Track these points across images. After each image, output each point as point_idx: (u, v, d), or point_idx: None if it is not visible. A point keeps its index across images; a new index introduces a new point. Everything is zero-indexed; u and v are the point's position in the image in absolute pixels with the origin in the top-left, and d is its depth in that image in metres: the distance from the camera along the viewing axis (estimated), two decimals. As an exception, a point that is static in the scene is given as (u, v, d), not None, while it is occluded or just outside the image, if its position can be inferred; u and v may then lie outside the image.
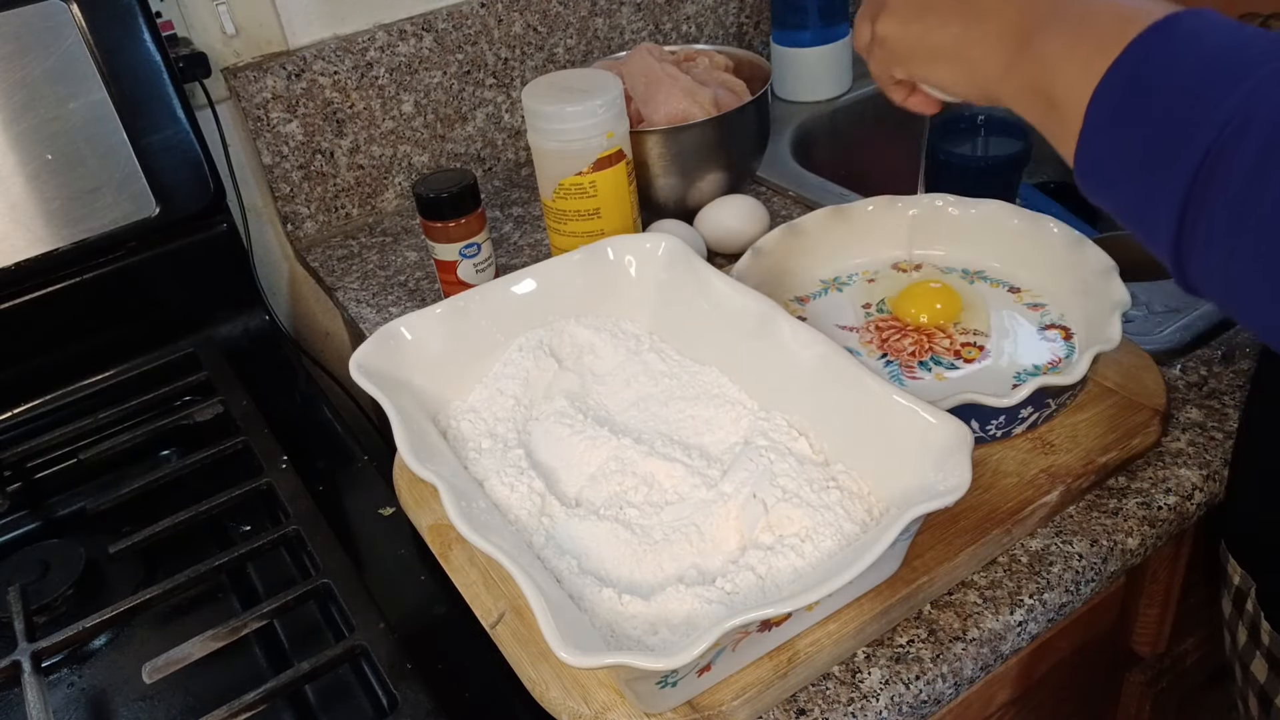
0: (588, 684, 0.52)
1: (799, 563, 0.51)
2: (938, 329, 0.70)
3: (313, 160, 1.00)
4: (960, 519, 0.58)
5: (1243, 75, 0.35)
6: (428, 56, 1.01)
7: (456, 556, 0.60)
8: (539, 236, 0.98)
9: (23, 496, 0.77)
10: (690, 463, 0.59)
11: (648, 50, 0.92)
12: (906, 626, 0.56)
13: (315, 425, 0.81)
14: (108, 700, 0.61)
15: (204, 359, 0.83)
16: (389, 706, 0.55)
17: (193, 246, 0.88)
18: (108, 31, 0.79)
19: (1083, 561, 0.58)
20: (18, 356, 0.83)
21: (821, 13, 1.12)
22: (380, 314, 0.90)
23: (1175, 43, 0.39)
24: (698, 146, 0.88)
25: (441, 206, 0.80)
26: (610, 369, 0.68)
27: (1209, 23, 0.38)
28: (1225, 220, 0.35)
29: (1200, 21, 0.39)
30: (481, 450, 0.62)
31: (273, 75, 0.94)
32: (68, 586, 0.66)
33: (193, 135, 0.85)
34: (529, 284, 0.70)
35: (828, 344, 0.59)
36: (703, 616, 0.49)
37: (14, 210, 0.79)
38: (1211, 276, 0.37)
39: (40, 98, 0.78)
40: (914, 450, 0.53)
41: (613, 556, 0.54)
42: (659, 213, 0.92)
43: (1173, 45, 0.39)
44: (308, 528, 0.65)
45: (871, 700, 0.52)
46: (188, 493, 0.70)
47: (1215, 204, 0.35)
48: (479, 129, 1.08)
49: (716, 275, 0.67)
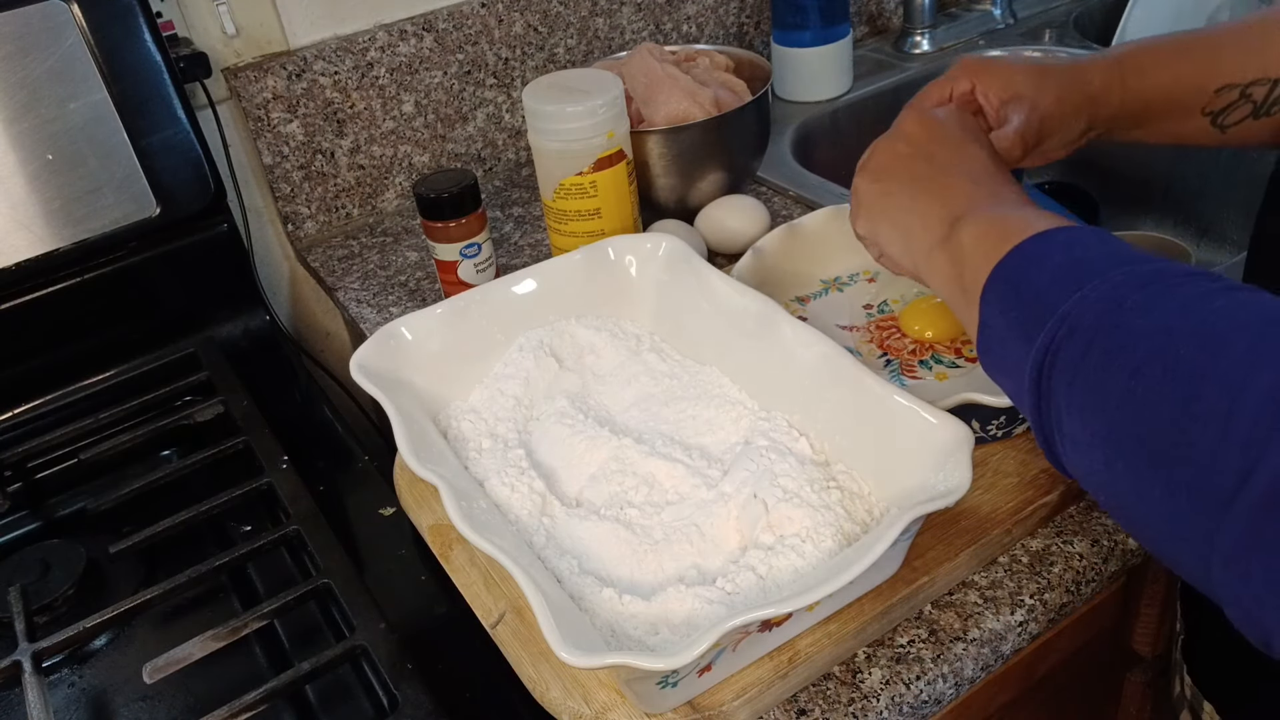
0: (588, 684, 0.52)
1: (799, 563, 0.51)
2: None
3: (313, 160, 1.00)
4: (961, 519, 0.58)
5: (1079, 284, 0.40)
6: (428, 56, 1.01)
7: (457, 556, 0.60)
8: (539, 236, 0.98)
9: (23, 496, 0.77)
10: (691, 463, 0.59)
11: (648, 50, 0.92)
12: (907, 626, 0.56)
13: (315, 425, 0.81)
14: (108, 700, 0.61)
15: (204, 359, 0.83)
16: (389, 706, 0.55)
17: (193, 246, 0.88)
18: (108, 31, 0.79)
19: (1083, 561, 0.58)
20: (18, 356, 0.83)
21: (822, 13, 1.12)
22: (381, 314, 0.90)
23: (1045, 252, 0.44)
24: (698, 146, 0.88)
25: (442, 206, 0.80)
26: (611, 369, 0.68)
27: (1077, 237, 0.43)
28: (1064, 411, 0.39)
29: (1071, 235, 0.44)
30: (482, 450, 0.62)
31: (273, 75, 0.94)
32: (68, 586, 0.66)
33: (193, 135, 0.85)
34: (529, 284, 0.70)
35: (828, 344, 0.59)
36: (703, 616, 0.49)
37: (15, 210, 0.79)
38: (1071, 465, 0.41)
39: (41, 98, 0.78)
40: (914, 450, 0.53)
41: (613, 556, 0.54)
42: (659, 213, 0.92)
43: (1041, 254, 0.44)
44: (308, 528, 0.65)
45: (872, 700, 0.52)
46: (188, 493, 0.70)
47: (1056, 395, 0.40)
48: (479, 129, 1.08)
49: (717, 275, 0.67)
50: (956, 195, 0.52)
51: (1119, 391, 0.36)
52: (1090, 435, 0.38)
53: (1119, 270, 0.40)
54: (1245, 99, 0.61)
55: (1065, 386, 0.39)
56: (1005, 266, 0.45)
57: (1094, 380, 0.38)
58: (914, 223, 0.53)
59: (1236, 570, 0.32)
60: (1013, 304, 0.44)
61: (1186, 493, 0.33)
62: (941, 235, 0.50)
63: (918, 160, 0.56)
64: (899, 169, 0.56)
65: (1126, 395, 0.36)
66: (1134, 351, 0.36)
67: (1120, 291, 0.39)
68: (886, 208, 0.56)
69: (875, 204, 0.57)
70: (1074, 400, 0.39)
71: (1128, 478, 0.36)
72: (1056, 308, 0.40)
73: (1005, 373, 0.45)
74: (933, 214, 0.52)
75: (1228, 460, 0.32)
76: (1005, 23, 1.31)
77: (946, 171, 0.54)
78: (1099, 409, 0.37)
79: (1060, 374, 0.39)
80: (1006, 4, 1.31)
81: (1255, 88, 0.61)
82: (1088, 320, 0.39)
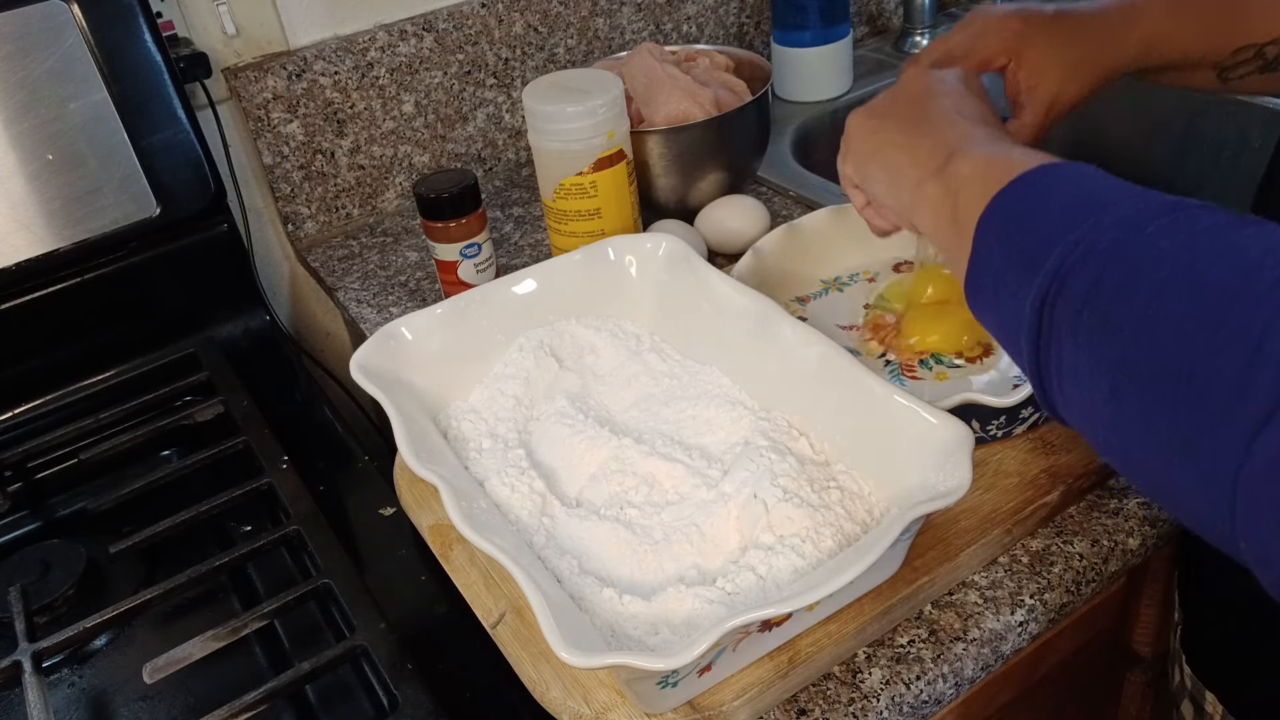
0: (588, 684, 0.52)
1: (799, 563, 0.51)
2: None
3: (313, 160, 1.00)
4: (961, 519, 0.58)
5: (1092, 212, 0.38)
6: (428, 56, 1.01)
7: (457, 556, 0.60)
8: (539, 236, 0.98)
9: (23, 496, 0.77)
10: (691, 463, 0.59)
11: (648, 50, 0.92)
12: (907, 626, 0.56)
13: (315, 425, 0.81)
14: (108, 700, 0.61)
15: (204, 359, 0.83)
16: (389, 706, 0.55)
17: (193, 246, 0.88)
18: (108, 32, 0.79)
19: (1083, 561, 0.58)
20: (18, 356, 0.83)
21: (822, 13, 1.12)
22: (381, 314, 0.90)
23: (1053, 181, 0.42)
24: (698, 146, 0.88)
25: (442, 207, 0.80)
26: (611, 369, 0.68)
27: (1085, 170, 0.42)
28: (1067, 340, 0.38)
29: (1079, 168, 0.42)
30: (482, 450, 0.62)
31: (273, 75, 0.94)
32: (68, 586, 0.66)
33: (193, 135, 0.85)
34: (529, 284, 0.70)
35: (828, 344, 0.59)
36: (703, 616, 0.49)
37: (15, 210, 0.79)
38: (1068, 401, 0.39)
39: (41, 98, 0.78)
40: (915, 450, 0.53)
41: (613, 556, 0.54)
42: (659, 213, 0.92)
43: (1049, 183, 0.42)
44: (308, 528, 0.65)
45: (872, 700, 0.52)
46: (188, 493, 0.70)
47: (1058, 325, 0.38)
48: (480, 129, 1.08)
49: (717, 275, 0.67)
50: (951, 131, 0.50)
51: (1136, 315, 0.34)
52: (1096, 362, 0.36)
53: (1136, 199, 0.38)
54: (1259, 57, 0.62)
55: (1073, 314, 0.37)
56: (1007, 195, 0.43)
57: (1108, 305, 0.36)
58: (903, 159, 0.52)
59: (1267, 492, 0.30)
60: (1014, 233, 0.42)
61: (1207, 414, 0.32)
62: (934, 168, 0.48)
63: (914, 104, 0.54)
64: (893, 111, 0.55)
65: (1145, 317, 0.34)
66: (1155, 273, 0.34)
67: (1141, 216, 0.37)
68: (877, 145, 0.55)
69: (865, 141, 0.56)
70: (1081, 326, 0.37)
71: (1137, 403, 0.34)
72: (1066, 236, 0.38)
73: (997, 310, 0.43)
74: (924, 148, 0.50)
75: (1261, 383, 0.30)
76: (1005, 23, 1.31)
77: (944, 113, 0.52)
78: (1112, 332, 0.35)
79: (1067, 302, 0.37)
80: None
81: (1271, 47, 0.62)
82: (1102, 245, 0.37)
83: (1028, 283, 0.39)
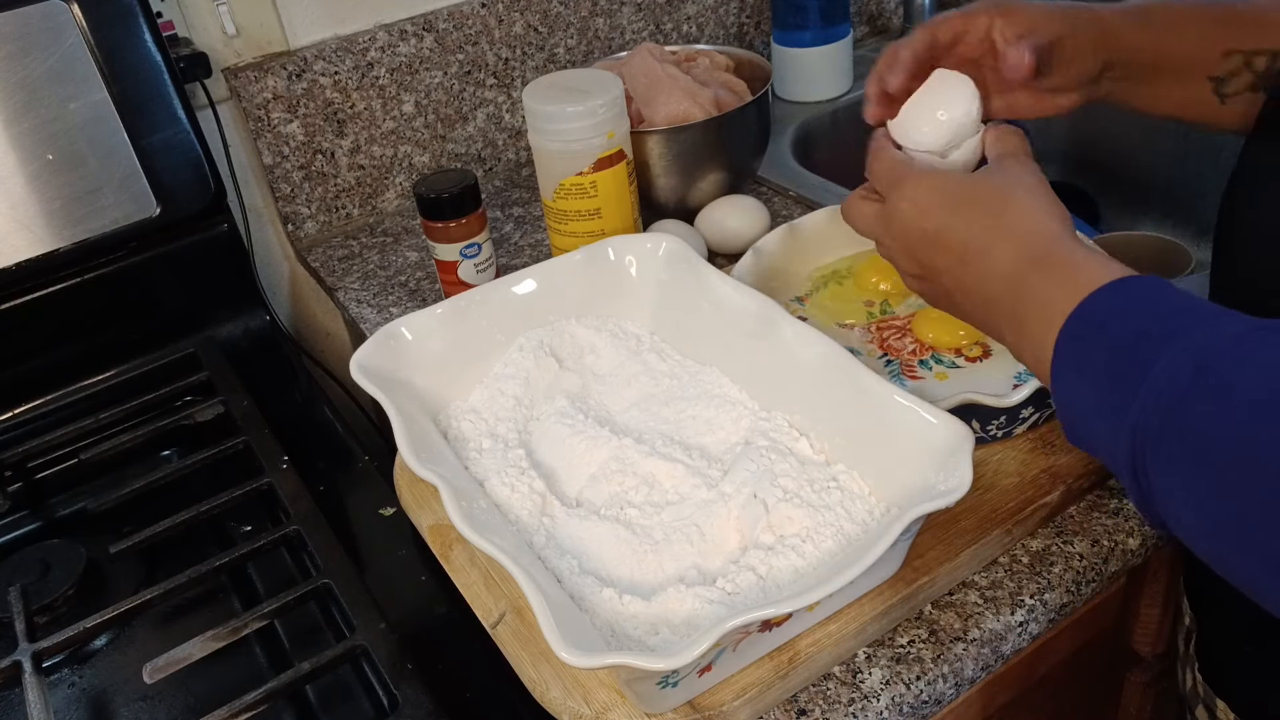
0: (588, 684, 0.52)
1: (800, 563, 0.51)
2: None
3: (313, 160, 1.00)
4: (961, 519, 0.58)
5: (1173, 336, 0.38)
6: (428, 56, 1.01)
7: (457, 556, 0.60)
8: (539, 236, 0.98)
9: (23, 496, 0.77)
10: (691, 463, 0.59)
11: (648, 50, 0.92)
12: (907, 627, 0.56)
13: (315, 425, 0.81)
14: (108, 700, 0.61)
15: (204, 359, 0.83)
16: (389, 706, 0.55)
17: (193, 246, 0.88)
18: (108, 31, 0.79)
19: (1083, 562, 0.58)
20: (18, 356, 0.83)
21: (822, 13, 1.12)
22: (381, 314, 0.90)
23: (1127, 302, 0.41)
24: (698, 146, 0.88)
25: (442, 207, 0.80)
26: (611, 369, 0.68)
27: (1155, 286, 0.41)
28: (1171, 474, 0.38)
29: (1152, 288, 0.42)
30: (482, 450, 0.61)
31: (273, 75, 0.94)
32: (68, 587, 0.66)
33: (193, 135, 0.85)
34: (530, 284, 0.70)
35: (828, 344, 0.59)
36: (703, 617, 0.49)
37: (15, 210, 0.79)
38: (1176, 525, 0.39)
39: (41, 98, 0.78)
40: (915, 450, 0.53)
41: (613, 556, 0.54)
42: (659, 213, 0.92)
43: (1124, 305, 0.42)
44: (308, 528, 0.65)
45: (872, 700, 0.52)
46: (188, 493, 0.70)
47: (1159, 457, 0.38)
48: (480, 129, 1.08)
49: (717, 275, 0.67)
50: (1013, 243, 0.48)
51: (1234, 438, 0.35)
52: (1199, 486, 0.36)
53: (1217, 320, 0.38)
54: (1248, 68, 0.61)
55: (1170, 442, 0.37)
56: (1080, 322, 0.42)
57: (1204, 430, 0.36)
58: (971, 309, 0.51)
59: None
60: (1096, 356, 0.41)
61: None
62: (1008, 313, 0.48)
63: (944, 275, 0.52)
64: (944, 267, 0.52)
65: (1243, 439, 0.35)
66: (1249, 396, 0.35)
67: (1225, 339, 0.37)
68: (934, 296, 0.54)
69: (920, 290, 0.55)
70: (1179, 454, 0.37)
71: (1244, 523, 0.35)
72: (1152, 363, 0.38)
73: (1093, 440, 0.43)
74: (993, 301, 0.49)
75: None
76: (1005, 23, 1.31)
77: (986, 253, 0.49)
78: (1213, 458, 0.36)
79: (1163, 430, 0.37)
80: (1006, 4, 1.31)
81: (1257, 57, 0.61)
82: (1188, 373, 0.37)
83: (1119, 410, 0.39)
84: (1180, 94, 0.63)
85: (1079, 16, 0.61)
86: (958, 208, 0.51)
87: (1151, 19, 0.62)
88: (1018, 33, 0.59)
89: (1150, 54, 0.60)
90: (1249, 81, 0.61)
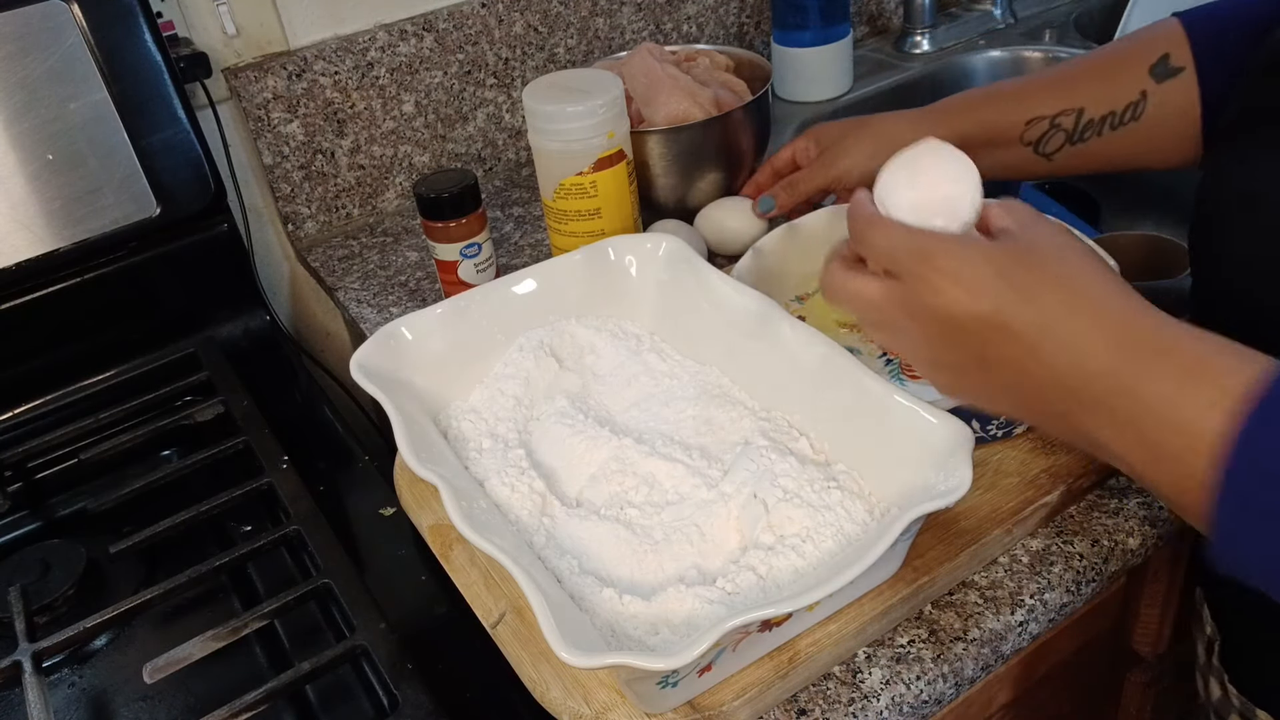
0: (588, 684, 0.52)
1: (800, 563, 0.51)
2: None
3: (313, 160, 1.00)
4: (961, 519, 0.58)
5: None
6: (428, 56, 1.01)
7: (457, 556, 0.60)
8: (539, 236, 0.98)
9: (23, 496, 0.77)
10: (691, 463, 0.59)
11: (648, 50, 0.92)
12: (907, 626, 0.56)
13: (315, 425, 0.81)
14: (108, 700, 0.61)
15: (204, 359, 0.83)
16: (389, 706, 0.55)
17: (193, 246, 0.88)
18: (108, 31, 0.79)
19: (1083, 561, 0.58)
20: (18, 356, 0.83)
21: (822, 13, 1.12)
22: (381, 314, 0.90)
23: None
24: (698, 146, 0.88)
25: (442, 206, 0.80)
26: (611, 369, 0.68)
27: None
28: None
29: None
30: (482, 450, 0.61)
31: (274, 75, 0.94)
32: (68, 586, 0.66)
33: (193, 135, 0.85)
34: (529, 284, 0.70)
35: (828, 344, 0.59)
36: (703, 617, 0.49)
37: (15, 210, 0.79)
38: None
39: (41, 98, 0.78)
40: (915, 450, 0.53)
41: (613, 556, 0.54)
42: (659, 213, 0.92)
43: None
44: (308, 528, 0.65)
45: (872, 700, 0.52)
46: (188, 493, 0.70)
47: None
48: (480, 129, 1.08)
49: (717, 275, 0.67)
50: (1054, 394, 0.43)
51: None
52: None
53: None
54: (1056, 128, 0.69)
55: None
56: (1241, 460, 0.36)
57: None
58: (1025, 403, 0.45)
59: None
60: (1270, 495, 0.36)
61: None
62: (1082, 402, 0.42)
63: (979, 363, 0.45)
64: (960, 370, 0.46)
65: None
66: None
67: None
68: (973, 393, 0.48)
69: (957, 391, 0.49)
70: None
71: None
72: None
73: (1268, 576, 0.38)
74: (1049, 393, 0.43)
75: None
76: (1005, 23, 1.31)
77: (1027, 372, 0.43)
78: None
79: None
80: (1007, 4, 1.31)
81: (1063, 118, 0.68)
82: None
83: None
84: (1004, 159, 0.72)
85: (875, 127, 0.76)
86: (1020, 286, 0.42)
87: (942, 111, 0.74)
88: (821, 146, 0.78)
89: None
90: (1063, 139, 0.69)
